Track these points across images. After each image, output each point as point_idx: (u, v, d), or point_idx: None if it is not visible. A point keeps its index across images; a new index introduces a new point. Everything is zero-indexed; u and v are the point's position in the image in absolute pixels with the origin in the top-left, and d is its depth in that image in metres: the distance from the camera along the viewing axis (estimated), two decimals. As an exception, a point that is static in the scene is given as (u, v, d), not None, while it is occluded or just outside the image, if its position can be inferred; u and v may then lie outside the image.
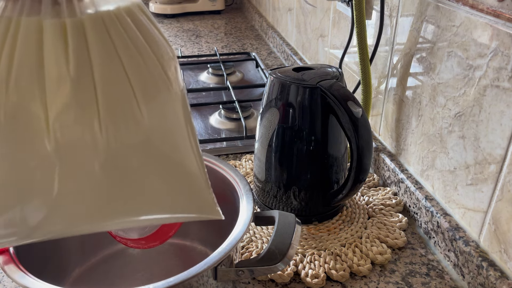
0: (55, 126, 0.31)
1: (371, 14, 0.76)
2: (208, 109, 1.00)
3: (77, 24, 0.31)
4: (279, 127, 0.61)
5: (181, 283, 0.40)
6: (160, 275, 0.41)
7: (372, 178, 0.75)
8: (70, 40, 0.31)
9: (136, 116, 0.33)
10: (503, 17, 0.48)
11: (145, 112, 0.33)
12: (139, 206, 0.36)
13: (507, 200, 0.49)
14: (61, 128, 0.31)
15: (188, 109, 0.37)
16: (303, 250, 0.59)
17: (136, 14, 0.34)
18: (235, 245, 0.44)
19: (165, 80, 0.35)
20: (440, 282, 0.56)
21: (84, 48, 0.31)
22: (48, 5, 0.31)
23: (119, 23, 0.33)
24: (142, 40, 0.34)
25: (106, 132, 0.32)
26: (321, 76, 0.60)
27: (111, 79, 0.32)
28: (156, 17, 1.77)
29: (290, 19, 1.30)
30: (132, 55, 0.33)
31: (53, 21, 0.31)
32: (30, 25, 0.30)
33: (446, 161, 0.60)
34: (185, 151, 0.37)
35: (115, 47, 0.32)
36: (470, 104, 0.54)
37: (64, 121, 0.31)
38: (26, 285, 0.40)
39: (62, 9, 0.31)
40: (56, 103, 0.30)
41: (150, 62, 0.34)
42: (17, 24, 0.30)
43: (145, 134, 0.34)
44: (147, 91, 0.33)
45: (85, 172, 0.33)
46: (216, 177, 0.55)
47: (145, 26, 0.34)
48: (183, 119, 0.36)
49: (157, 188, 0.36)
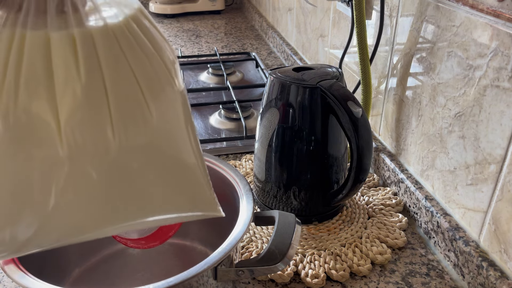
0: (67, 131, 0.31)
1: (371, 14, 0.76)
2: (208, 109, 1.00)
3: (85, 35, 0.31)
4: (279, 127, 0.61)
5: (181, 283, 0.40)
6: (160, 275, 0.41)
7: (372, 178, 0.75)
8: (80, 49, 0.31)
9: (146, 116, 0.33)
10: (503, 17, 0.48)
11: (153, 110, 0.33)
12: (140, 209, 0.35)
13: (507, 200, 0.49)
14: (73, 133, 0.31)
15: (189, 109, 0.38)
16: (303, 250, 0.59)
17: (140, 20, 0.34)
18: (235, 245, 0.44)
19: (169, 78, 0.35)
20: (440, 282, 0.56)
21: (94, 57, 0.31)
22: (53, 15, 0.30)
23: (128, 32, 0.33)
24: (147, 43, 0.34)
25: (118, 135, 0.32)
26: (321, 76, 0.60)
27: (121, 82, 0.32)
28: (156, 17, 1.78)
29: (290, 19, 1.30)
30: (139, 58, 0.33)
31: (61, 33, 0.30)
32: (36, 39, 0.30)
33: (446, 161, 0.60)
34: (186, 150, 0.37)
35: (124, 53, 0.32)
36: (470, 104, 0.54)
37: (76, 126, 0.31)
38: (26, 285, 0.40)
39: (68, 18, 0.31)
40: (67, 108, 0.30)
41: (155, 62, 0.34)
42: (21, 37, 0.30)
43: (152, 135, 0.34)
44: (154, 89, 0.34)
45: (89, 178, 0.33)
46: (216, 177, 0.55)
47: (148, 29, 0.35)
48: (183, 119, 0.37)
49: (158, 189, 0.36)
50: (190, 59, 1.29)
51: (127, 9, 0.34)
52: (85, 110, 0.31)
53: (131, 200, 0.35)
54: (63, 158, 0.31)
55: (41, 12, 0.30)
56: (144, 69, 0.33)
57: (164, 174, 0.36)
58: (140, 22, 0.34)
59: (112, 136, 0.32)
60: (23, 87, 0.30)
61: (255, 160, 0.67)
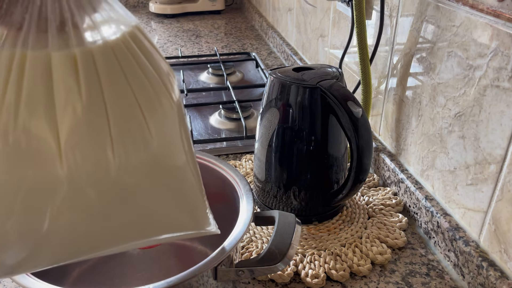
0: (67, 151, 0.30)
1: (371, 14, 0.76)
2: (208, 109, 1.00)
3: (86, 54, 0.31)
4: (279, 127, 0.61)
5: (181, 283, 0.40)
6: (160, 275, 0.41)
7: (372, 178, 0.75)
8: (81, 69, 0.30)
9: (145, 134, 0.33)
10: (503, 17, 0.48)
11: (153, 130, 0.33)
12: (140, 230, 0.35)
13: (507, 200, 0.49)
14: (73, 153, 0.31)
15: (184, 120, 0.37)
16: (303, 250, 0.59)
17: (138, 37, 0.34)
18: (235, 245, 0.44)
19: (165, 92, 0.35)
20: (440, 282, 0.56)
21: (95, 77, 0.31)
22: (55, 35, 0.30)
23: (126, 49, 0.33)
24: (144, 59, 0.34)
25: (118, 154, 0.32)
26: (321, 76, 0.60)
27: (120, 100, 0.32)
28: (156, 17, 1.78)
29: (290, 19, 1.30)
30: (137, 75, 0.33)
31: (62, 53, 0.30)
32: (37, 59, 0.30)
33: (446, 161, 0.60)
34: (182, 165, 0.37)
35: (124, 72, 0.32)
36: (470, 104, 0.54)
37: (76, 146, 0.31)
38: (26, 285, 0.40)
39: (69, 37, 0.30)
40: (68, 127, 0.30)
41: (152, 78, 0.34)
42: (22, 57, 0.30)
43: (151, 152, 0.34)
44: (152, 106, 0.33)
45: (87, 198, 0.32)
46: (216, 177, 0.55)
47: (145, 46, 0.34)
48: (178, 130, 0.36)
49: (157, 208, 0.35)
50: (190, 59, 1.29)
51: (125, 26, 0.34)
52: (86, 130, 0.31)
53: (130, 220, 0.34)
54: (62, 179, 0.31)
55: (42, 31, 0.30)
56: (142, 86, 0.33)
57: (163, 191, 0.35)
58: (138, 39, 0.34)
59: (112, 156, 0.32)
60: (23, 106, 0.29)
61: (255, 160, 0.67)
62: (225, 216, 0.49)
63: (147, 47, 0.35)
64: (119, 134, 0.32)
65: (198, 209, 0.39)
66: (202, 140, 0.85)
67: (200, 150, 0.82)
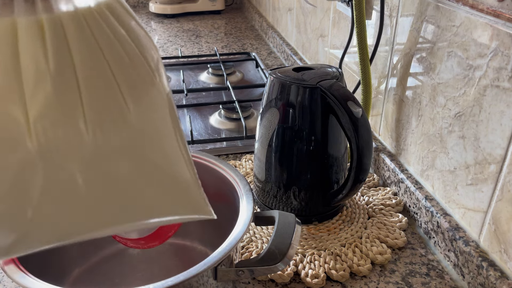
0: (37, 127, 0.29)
1: (371, 14, 0.76)
2: (208, 109, 1.00)
3: (55, 20, 0.29)
4: (279, 127, 0.61)
5: (181, 283, 0.40)
6: (160, 275, 0.41)
7: (372, 178, 0.75)
8: (48, 37, 0.29)
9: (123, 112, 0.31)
10: (503, 17, 0.48)
11: (132, 106, 0.32)
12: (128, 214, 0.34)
13: (507, 200, 0.49)
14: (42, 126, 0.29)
15: (175, 114, 0.36)
16: (303, 250, 0.59)
17: (116, 9, 0.33)
18: (235, 245, 0.44)
19: (151, 76, 0.33)
20: (440, 282, 0.56)
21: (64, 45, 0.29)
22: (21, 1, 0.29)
23: (101, 20, 0.31)
24: (124, 34, 0.32)
25: (93, 131, 0.30)
26: (321, 76, 0.60)
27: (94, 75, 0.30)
28: (156, 17, 1.78)
29: (290, 19, 1.30)
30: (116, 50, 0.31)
31: (29, 18, 0.29)
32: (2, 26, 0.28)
33: (446, 161, 0.60)
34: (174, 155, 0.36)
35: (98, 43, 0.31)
36: (470, 104, 0.54)
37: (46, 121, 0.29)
38: (26, 285, 0.40)
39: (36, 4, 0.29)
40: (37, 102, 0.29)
41: (135, 57, 0.33)
42: None
43: (133, 135, 0.32)
44: (133, 85, 0.32)
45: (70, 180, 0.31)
46: (216, 177, 0.55)
47: (125, 20, 0.33)
48: (170, 123, 0.35)
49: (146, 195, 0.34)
50: (190, 59, 1.29)
51: None
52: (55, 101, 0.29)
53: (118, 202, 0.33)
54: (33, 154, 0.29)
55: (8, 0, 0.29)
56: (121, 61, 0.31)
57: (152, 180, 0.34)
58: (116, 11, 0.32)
59: (86, 130, 0.30)
60: None
61: (255, 160, 0.67)
62: (225, 216, 0.49)
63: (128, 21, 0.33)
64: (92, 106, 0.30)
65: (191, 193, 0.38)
66: (202, 140, 0.85)
67: (200, 150, 0.82)
